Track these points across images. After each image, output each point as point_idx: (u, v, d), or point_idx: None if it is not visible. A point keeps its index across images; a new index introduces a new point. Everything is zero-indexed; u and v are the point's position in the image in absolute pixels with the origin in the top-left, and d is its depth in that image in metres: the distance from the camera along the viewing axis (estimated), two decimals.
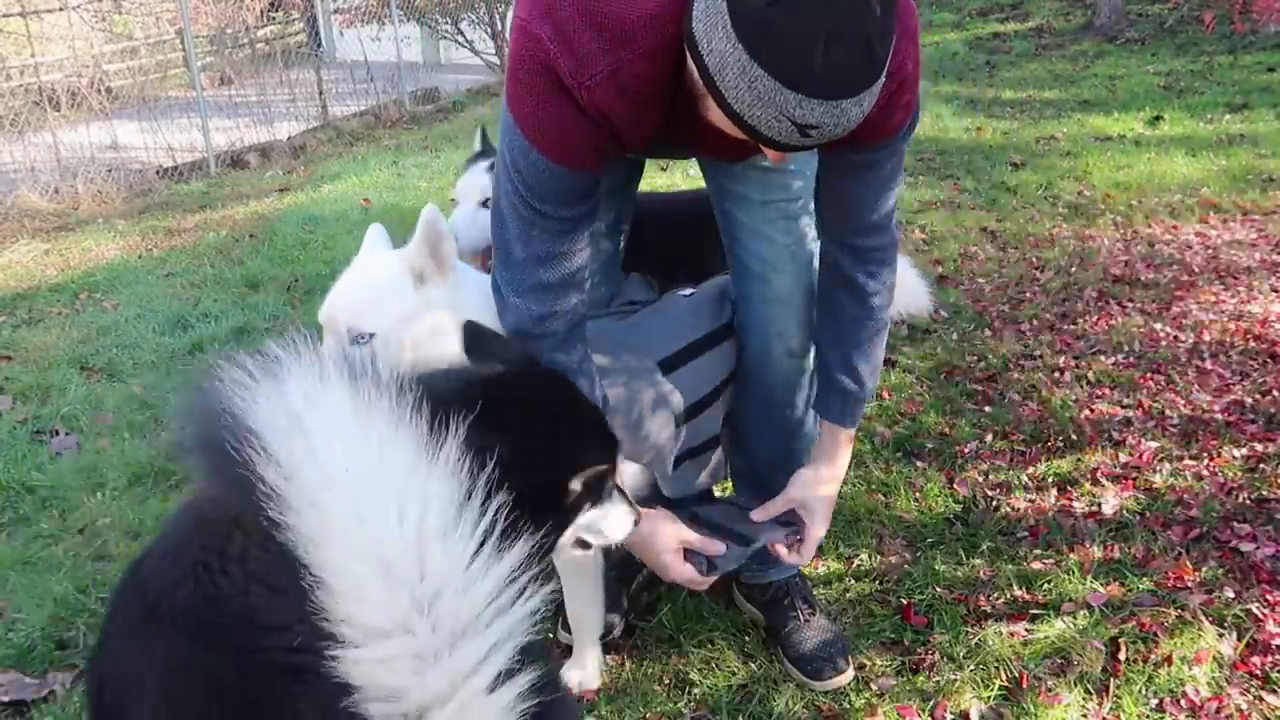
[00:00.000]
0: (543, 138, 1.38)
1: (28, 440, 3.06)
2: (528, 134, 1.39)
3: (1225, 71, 8.95)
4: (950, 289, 4.07)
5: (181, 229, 5.78)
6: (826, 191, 1.61)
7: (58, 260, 5.26)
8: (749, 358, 1.88)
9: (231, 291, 4.45)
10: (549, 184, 1.42)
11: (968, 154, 6.47)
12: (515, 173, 1.43)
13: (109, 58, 10.03)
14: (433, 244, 1.67)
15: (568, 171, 1.41)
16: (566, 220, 1.46)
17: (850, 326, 1.69)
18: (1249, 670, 1.86)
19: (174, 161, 7.50)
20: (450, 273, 1.70)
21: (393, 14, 10.86)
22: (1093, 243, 4.63)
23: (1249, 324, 3.53)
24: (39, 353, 3.80)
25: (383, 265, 1.71)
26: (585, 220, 1.50)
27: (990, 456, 2.72)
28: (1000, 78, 9.62)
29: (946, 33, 12.79)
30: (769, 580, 2.05)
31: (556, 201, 1.44)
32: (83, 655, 2.05)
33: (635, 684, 1.89)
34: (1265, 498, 2.42)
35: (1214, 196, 5.23)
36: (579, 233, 1.50)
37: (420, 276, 1.68)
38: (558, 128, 1.37)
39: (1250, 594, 2.04)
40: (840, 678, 1.89)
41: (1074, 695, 1.81)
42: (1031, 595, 2.11)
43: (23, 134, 7.30)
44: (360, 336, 1.62)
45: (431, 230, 1.65)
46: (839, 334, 1.71)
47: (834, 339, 1.73)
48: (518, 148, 1.41)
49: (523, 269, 1.50)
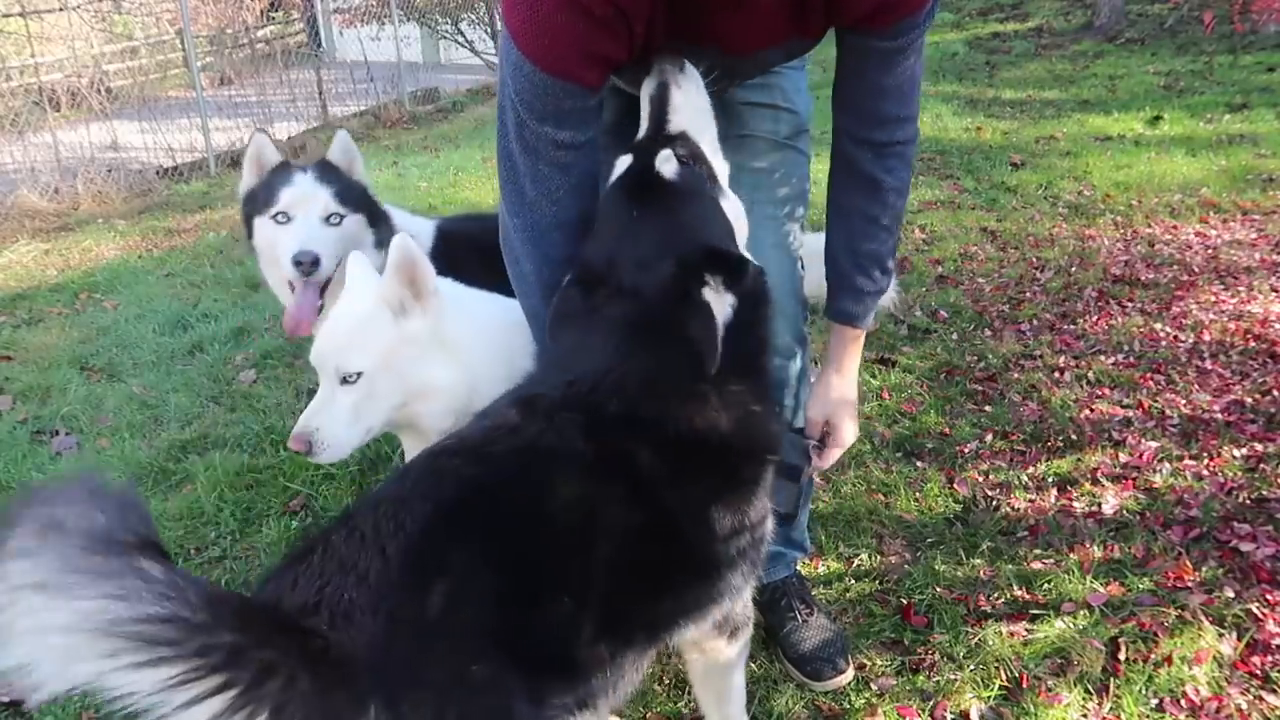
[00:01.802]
0: (535, 44, 1.36)
1: (28, 440, 3.06)
2: (521, 45, 1.37)
3: (1225, 71, 8.95)
4: (950, 289, 4.07)
5: (181, 229, 5.79)
6: (848, 84, 1.56)
7: (58, 260, 5.27)
8: None
9: (231, 291, 4.45)
10: (545, 98, 1.40)
11: (968, 154, 6.47)
12: (515, 96, 1.42)
13: (109, 58, 10.03)
14: (407, 273, 1.66)
15: (561, 83, 1.39)
16: (569, 147, 1.45)
17: (865, 226, 1.65)
18: (1249, 670, 1.86)
19: (174, 161, 7.50)
20: (430, 299, 1.69)
21: (393, 14, 10.86)
22: (1093, 243, 4.63)
23: (1249, 324, 3.53)
24: (39, 353, 3.81)
25: (361, 301, 1.71)
26: (588, 151, 1.48)
27: (990, 456, 2.72)
28: (1000, 78, 9.62)
29: (946, 33, 12.79)
30: (766, 581, 2.05)
31: (556, 121, 1.42)
32: None
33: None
34: (1265, 497, 2.42)
35: (1214, 196, 5.23)
36: (586, 165, 1.48)
37: (400, 307, 1.68)
38: (548, 28, 1.35)
39: (1250, 594, 2.04)
40: (840, 678, 1.89)
41: (1074, 695, 1.81)
42: (1031, 595, 2.11)
43: (23, 134, 7.30)
44: (348, 376, 1.65)
45: (404, 259, 1.64)
46: (852, 233, 1.67)
47: (847, 239, 1.68)
48: (515, 65, 1.40)
49: (536, 208, 1.49)
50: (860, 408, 2.99)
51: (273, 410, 3.16)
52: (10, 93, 8.06)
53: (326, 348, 1.67)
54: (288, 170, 2.11)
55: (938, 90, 8.92)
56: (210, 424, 3.11)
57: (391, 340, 1.66)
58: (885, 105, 1.53)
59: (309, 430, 1.64)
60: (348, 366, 1.64)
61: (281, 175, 2.10)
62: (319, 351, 1.68)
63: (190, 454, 2.91)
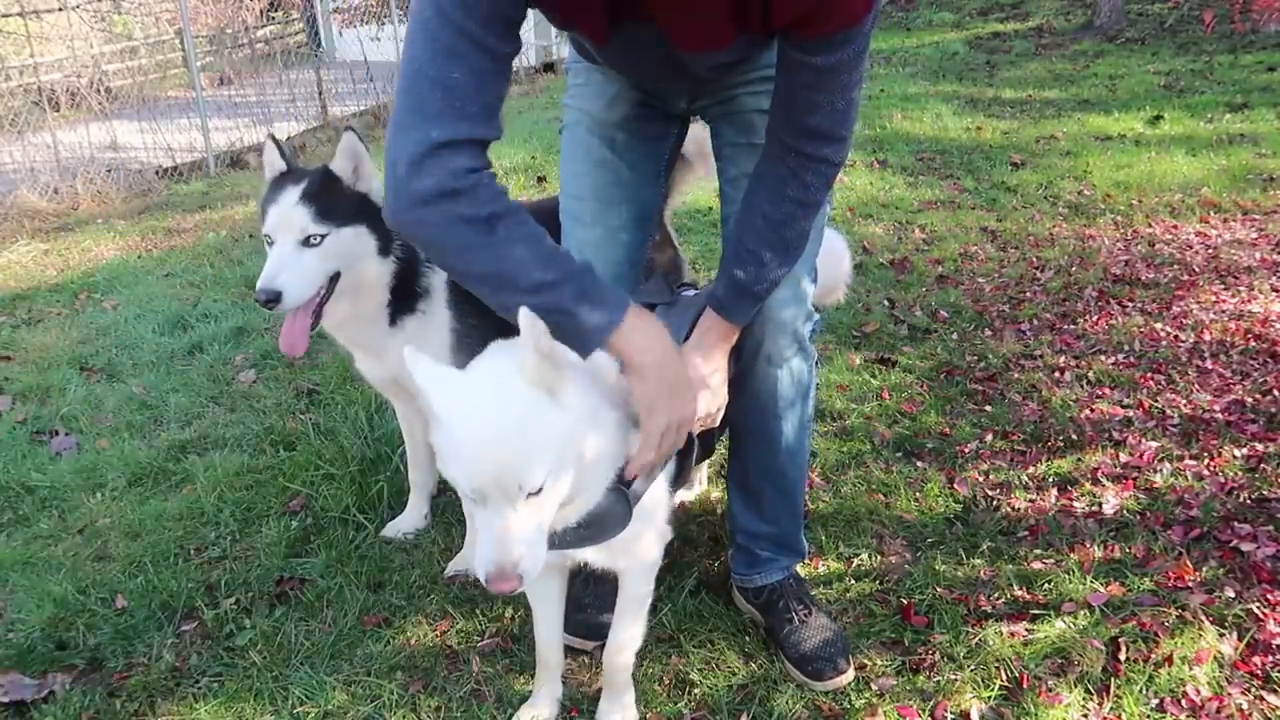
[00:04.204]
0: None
1: (28, 440, 3.06)
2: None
3: (1225, 71, 8.95)
4: (950, 289, 4.07)
5: (181, 229, 5.78)
6: (780, 94, 1.50)
7: (57, 260, 5.26)
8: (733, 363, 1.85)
9: (231, 291, 4.44)
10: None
11: (968, 154, 6.47)
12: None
13: (109, 58, 10.03)
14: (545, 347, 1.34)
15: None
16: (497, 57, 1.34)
17: (756, 221, 1.59)
18: (1249, 670, 1.85)
19: (174, 161, 7.50)
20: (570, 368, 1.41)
21: (392, 14, 10.86)
22: (1093, 242, 4.63)
23: (1249, 323, 3.53)
24: (39, 353, 3.80)
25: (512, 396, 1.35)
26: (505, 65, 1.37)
27: (990, 456, 2.72)
28: (1000, 77, 9.62)
29: (946, 32, 12.79)
30: (761, 584, 2.05)
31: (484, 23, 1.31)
32: (82, 655, 2.05)
33: (635, 684, 1.89)
34: (1266, 497, 2.42)
35: (1214, 196, 5.23)
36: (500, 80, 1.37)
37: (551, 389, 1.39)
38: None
39: (1251, 594, 2.04)
40: (841, 678, 1.89)
41: (1074, 695, 1.81)
42: (1031, 595, 2.11)
43: (22, 134, 7.30)
44: (535, 490, 1.33)
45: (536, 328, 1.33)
46: (744, 224, 1.61)
47: (738, 227, 1.63)
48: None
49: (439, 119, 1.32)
50: (860, 408, 3.01)
51: (272, 410, 3.16)
52: (10, 93, 8.06)
53: (503, 466, 1.29)
54: (281, 184, 2.04)
55: (938, 90, 8.92)
56: (210, 424, 3.10)
57: (566, 432, 1.35)
58: (815, 120, 1.47)
59: (512, 562, 1.31)
60: (534, 483, 1.31)
61: (273, 191, 2.04)
62: (492, 475, 1.30)
63: (190, 454, 2.91)
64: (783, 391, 1.87)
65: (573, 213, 1.92)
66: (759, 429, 1.93)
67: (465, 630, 2.09)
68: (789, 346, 1.82)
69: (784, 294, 1.77)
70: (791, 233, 1.60)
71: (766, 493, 2.00)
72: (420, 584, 2.25)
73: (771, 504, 2.01)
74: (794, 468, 1.98)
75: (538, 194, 5.80)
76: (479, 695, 1.90)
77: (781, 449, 1.94)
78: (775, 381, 1.86)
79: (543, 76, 12.67)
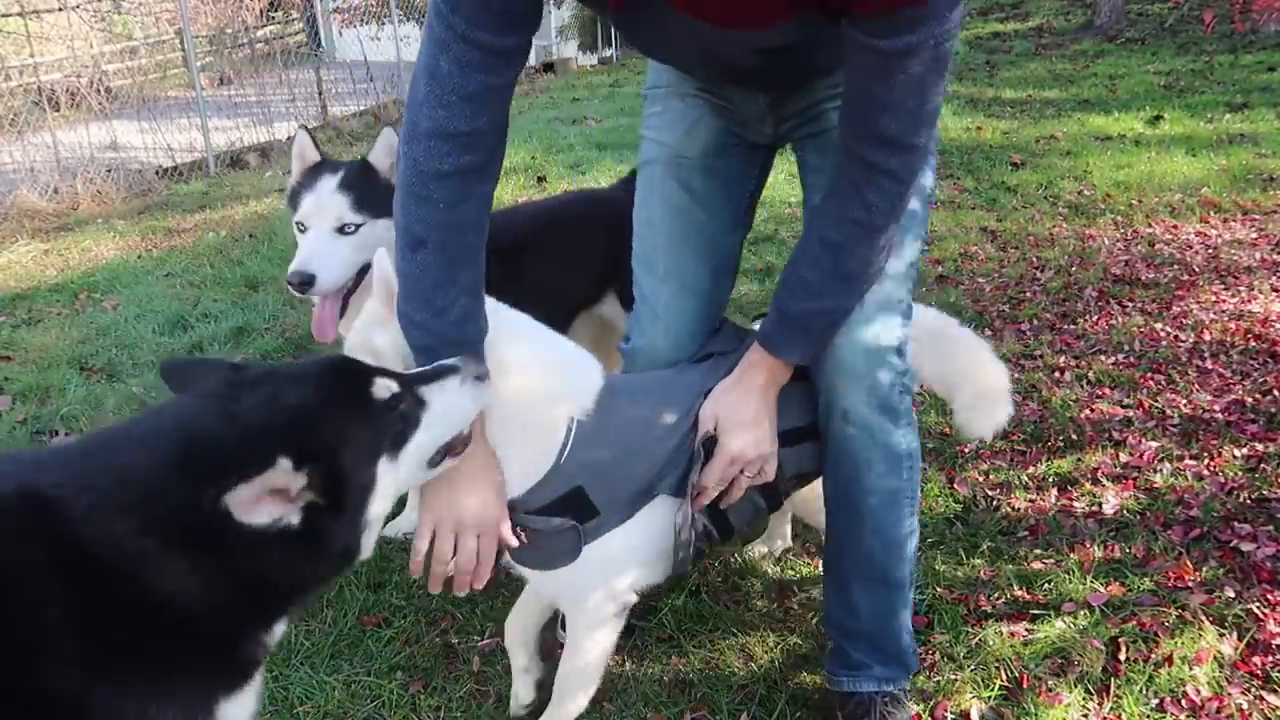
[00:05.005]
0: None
1: (27, 441, 3.05)
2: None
3: (1225, 71, 8.95)
4: (950, 289, 4.07)
5: (181, 229, 5.78)
6: (848, 89, 1.35)
7: (57, 260, 5.26)
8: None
9: (231, 291, 4.45)
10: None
11: (968, 153, 6.48)
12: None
13: (108, 58, 10.04)
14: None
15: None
16: (486, 50, 1.30)
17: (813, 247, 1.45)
18: (1250, 670, 1.85)
19: (174, 161, 7.50)
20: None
21: (392, 14, 10.87)
22: (1093, 242, 4.63)
23: (1249, 323, 3.53)
24: (39, 353, 3.80)
25: None
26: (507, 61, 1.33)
27: (990, 456, 2.72)
28: (1000, 77, 9.62)
29: None
30: (848, 690, 1.75)
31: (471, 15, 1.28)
32: None
33: (635, 684, 1.89)
34: (1266, 497, 2.42)
35: (1214, 196, 5.23)
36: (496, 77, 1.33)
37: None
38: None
39: (1251, 594, 2.04)
40: None
41: (1074, 695, 1.81)
42: (1031, 595, 2.11)
43: (22, 134, 7.30)
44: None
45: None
46: (800, 253, 1.48)
47: (795, 257, 1.50)
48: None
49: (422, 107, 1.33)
50: None
51: None
52: (10, 93, 8.06)
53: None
54: (317, 174, 2.07)
55: None
56: None
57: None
58: (881, 121, 1.30)
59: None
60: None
61: (309, 180, 2.07)
62: None
63: None
64: (864, 458, 1.59)
65: (645, 260, 1.77)
66: (843, 500, 1.67)
67: (465, 630, 2.09)
68: (865, 403, 1.55)
69: (855, 336, 1.53)
70: (852, 261, 1.42)
71: (855, 581, 1.70)
72: (420, 584, 2.25)
73: (860, 595, 1.70)
74: (886, 555, 1.66)
75: (538, 194, 5.80)
76: (479, 695, 1.90)
77: (868, 529, 1.64)
78: (852, 443, 1.58)
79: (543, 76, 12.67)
